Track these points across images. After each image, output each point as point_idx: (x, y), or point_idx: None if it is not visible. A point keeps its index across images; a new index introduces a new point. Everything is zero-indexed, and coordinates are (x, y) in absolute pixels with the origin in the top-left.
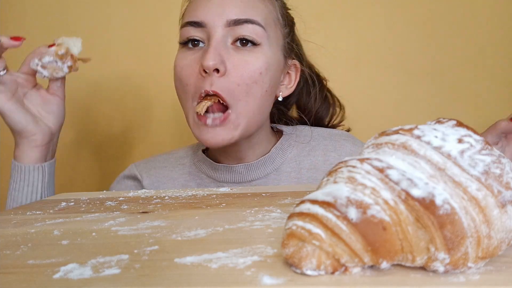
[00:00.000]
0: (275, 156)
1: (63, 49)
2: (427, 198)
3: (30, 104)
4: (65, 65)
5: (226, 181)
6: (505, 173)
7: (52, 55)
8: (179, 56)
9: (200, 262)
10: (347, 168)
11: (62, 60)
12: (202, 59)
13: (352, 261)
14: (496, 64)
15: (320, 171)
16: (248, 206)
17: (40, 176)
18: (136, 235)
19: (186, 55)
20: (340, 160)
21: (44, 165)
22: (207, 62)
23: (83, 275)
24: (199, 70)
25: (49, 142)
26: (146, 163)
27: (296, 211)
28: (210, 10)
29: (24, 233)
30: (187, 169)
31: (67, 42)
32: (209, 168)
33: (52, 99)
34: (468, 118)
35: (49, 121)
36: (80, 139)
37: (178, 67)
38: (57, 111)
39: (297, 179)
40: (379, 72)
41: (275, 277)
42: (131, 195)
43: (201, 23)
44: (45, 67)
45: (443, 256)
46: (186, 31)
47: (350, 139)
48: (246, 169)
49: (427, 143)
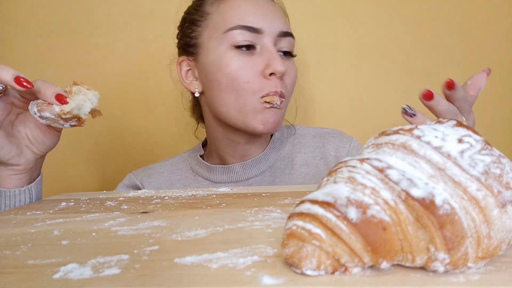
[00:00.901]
0: (269, 154)
1: (69, 114)
2: (427, 198)
3: (21, 126)
4: (68, 123)
5: (223, 181)
6: (505, 173)
7: (54, 115)
8: (232, 57)
9: (200, 262)
10: (347, 168)
11: (65, 120)
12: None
13: (352, 261)
14: (496, 64)
15: (311, 166)
16: (248, 206)
17: (28, 198)
18: (136, 235)
19: (241, 57)
20: (328, 154)
21: (30, 186)
22: (280, 67)
23: (83, 275)
24: (262, 73)
25: (34, 166)
26: (143, 171)
27: (296, 211)
28: (267, 18)
29: (24, 233)
30: (184, 174)
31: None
32: (206, 171)
33: (46, 131)
34: None
35: (37, 148)
36: (79, 139)
37: (234, 66)
38: (49, 143)
39: (290, 174)
40: (379, 72)
41: (275, 277)
42: (131, 195)
43: (258, 30)
44: (43, 118)
45: (443, 256)
46: (241, 35)
47: (338, 136)
48: (242, 167)
49: (427, 143)
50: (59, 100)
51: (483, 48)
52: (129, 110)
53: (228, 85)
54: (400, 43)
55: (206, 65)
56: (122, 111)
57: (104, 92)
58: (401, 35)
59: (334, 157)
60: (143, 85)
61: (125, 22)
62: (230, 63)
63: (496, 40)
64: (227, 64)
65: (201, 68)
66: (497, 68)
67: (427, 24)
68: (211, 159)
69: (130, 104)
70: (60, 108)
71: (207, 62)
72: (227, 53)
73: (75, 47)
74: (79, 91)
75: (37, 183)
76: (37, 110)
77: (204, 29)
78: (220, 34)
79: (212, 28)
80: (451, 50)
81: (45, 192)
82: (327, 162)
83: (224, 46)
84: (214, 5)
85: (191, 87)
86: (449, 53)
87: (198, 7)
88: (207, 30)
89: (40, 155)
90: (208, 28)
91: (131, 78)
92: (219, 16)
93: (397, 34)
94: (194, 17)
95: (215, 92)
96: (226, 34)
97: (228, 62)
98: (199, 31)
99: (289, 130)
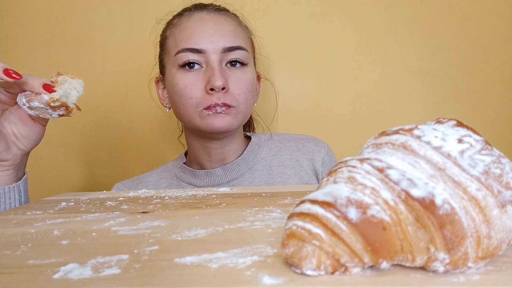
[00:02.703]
0: (248, 157)
1: (58, 102)
2: (427, 198)
3: (6, 123)
4: (56, 112)
5: (206, 185)
6: (505, 173)
7: (43, 104)
8: (180, 76)
9: (200, 262)
10: (347, 168)
11: (53, 109)
12: (211, 80)
13: (352, 261)
14: (496, 64)
15: (287, 167)
16: (248, 206)
17: (17, 196)
18: (136, 235)
19: (187, 76)
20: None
21: (19, 184)
22: (217, 83)
23: (83, 275)
24: (204, 88)
25: (20, 162)
26: (131, 181)
27: (296, 211)
28: (207, 38)
29: (24, 233)
30: (169, 181)
31: (67, 84)
32: (190, 176)
33: (32, 125)
34: (468, 118)
35: (23, 144)
36: (75, 139)
37: (180, 85)
38: (34, 137)
39: (268, 175)
40: (379, 72)
41: (275, 277)
42: (131, 195)
43: (200, 50)
44: (32, 109)
45: (443, 256)
46: (185, 56)
47: (312, 141)
48: (223, 171)
49: (427, 143)
50: (47, 89)
51: (483, 48)
52: (129, 110)
53: (178, 100)
54: (401, 43)
55: (167, 85)
56: (122, 111)
57: (104, 92)
58: (402, 35)
59: (309, 160)
60: (143, 85)
61: (125, 22)
62: (178, 82)
63: (496, 41)
64: (175, 83)
65: (166, 87)
66: (497, 68)
67: (427, 25)
68: (193, 166)
69: (130, 104)
70: (49, 96)
71: (167, 82)
72: (176, 73)
73: (75, 47)
74: (64, 80)
75: (24, 181)
76: (26, 101)
77: (164, 52)
78: (171, 56)
79: (168, 51)
80: (451, 51)
81: (45, 192)
82: (301, 164)
83: (174, 67)
84: (171, 29)
85: (163, 103)
86: (449, 53)
87: (163, 31)
88: (166, 53)
89: (26, 151)
90: (166, 51)
91: (131, 78)
92: (172, 39)
93: (398, 34)
94: (161, 40)
95: (175, 106)
96: (175, 57)
97: (177, 82)
98: (162, 54)
99: (266, 136)
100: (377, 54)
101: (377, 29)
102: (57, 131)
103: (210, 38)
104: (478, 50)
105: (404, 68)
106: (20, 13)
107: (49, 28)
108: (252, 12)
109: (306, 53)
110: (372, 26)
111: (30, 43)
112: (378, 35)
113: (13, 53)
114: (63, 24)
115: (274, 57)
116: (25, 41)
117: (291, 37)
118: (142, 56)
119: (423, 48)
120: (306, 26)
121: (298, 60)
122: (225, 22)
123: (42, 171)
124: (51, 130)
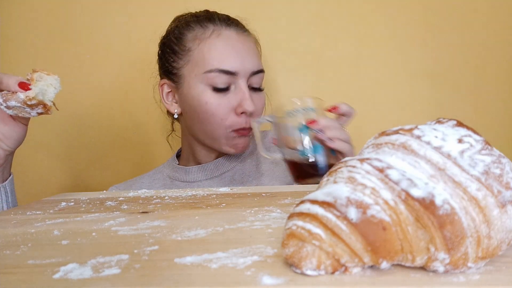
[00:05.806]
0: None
1: (34, 100)
2: (427, 198)
3: None
4: (34, 111)
5: (199, 179)
6: (505, 173)
7: (19, 102)
8: (211, 96)
9: (200, 262)
10: (347, 168)
11: (31, 107)
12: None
13: (352, 261)
14: (496, 64)
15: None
16: (248, 206)
17: (4, 196)
18: (136, 235)
19: (218, 97)
20: None
21: (5, 184)
22: (250, 108)
23: (83, 275)
24: (234, 110)
25: (5, 162)
26: (125, 184)
27: (296, 211)
28: (238, 60)
29: (24, 233)
30: (162, 182)
31: (43, 81)
32: (182, 174)
33: (13, 125)
34: (468, 118)
35: (6, 144)
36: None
37: (213, 105)
38: (16, 137)
39: (256, 166)
40: (380, 72)
41: (275, 277)
42: (131, 195)
43: (234, 73)
44: (10, 108)
45: (443, 256)
46: (218, 77)
47: None
48: (215, 165)
49: (427, 143)
50: (22, 87)
51: (483, 49)
52: (129, 109)
53: (205, 118)
54: (401, 43)
55: (187, 97)
56: (122, 111)
57: (104, 92)
58: (402, 35)
59: None
60: (143, 85)
61: (125, 22)
62: (209, 101)
63: (496, 41)
64: (205, 101)
65: (182, 97)
66: (497, 68)
67: (428, 25)
68: (188, 164)
69: (130, 104)
70: (25, 95)
71: (188, 95)
72: (206, 92)
73: (75, 47)
74: (40, 77)
75: (10, 182)
76: (2, 101)
77: (185, 63)
78: (200, 73)
79: (192, 65)
80: (451, 51)
81: (44, 192)
82: None
83: (203, 85)
84: (195, 42)
85: (171, 108)
86: (450, 54)
87: (179, 39)
88: (188, 66)
89: (10, 151)
90: (189, 64)
91: (131, 78)
92: (199, 54)
93: (398, 34)
94: (175, 47)
95: (194, 120)
96: (205, 74)
97: (207, 100)
98: (180, 63)
99: None
100: (377, 54)
101: (377, 29)
102: (57, 131)
103: (241, 61)
104: (478, 50)
105: (404, 68)
106: (20, 13)
107: (49, 28)
108: (252, 12)
109: (306, 54)
110: (372, 26)
111: (30, 43)
112: (378, 35)
113: (13, 53)
114: (63, 24)
115: (274, 57)
116: (25, 41)
117: (291, 37)
118: (142, 56)
119: (423, 48)
120: (306, 26)
121: (298, 60)
122: (250, 45)
123: (31, 173)
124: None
